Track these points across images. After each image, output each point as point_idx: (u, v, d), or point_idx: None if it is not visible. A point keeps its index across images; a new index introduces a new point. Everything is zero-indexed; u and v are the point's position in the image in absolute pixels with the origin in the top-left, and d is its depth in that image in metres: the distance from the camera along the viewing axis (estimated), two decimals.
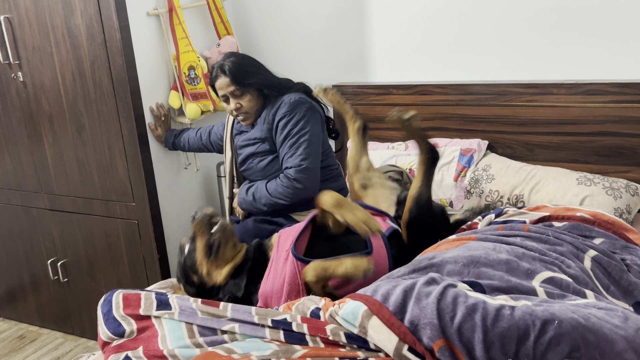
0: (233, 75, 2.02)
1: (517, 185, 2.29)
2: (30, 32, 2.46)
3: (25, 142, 2.69)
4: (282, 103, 2.02)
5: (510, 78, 2.53)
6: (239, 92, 2.04)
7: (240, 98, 2.05)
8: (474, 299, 1.15)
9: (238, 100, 2.05)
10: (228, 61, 2.05)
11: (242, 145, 2.17)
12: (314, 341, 1.24)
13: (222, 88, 2.06)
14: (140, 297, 1.47)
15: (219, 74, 2.06)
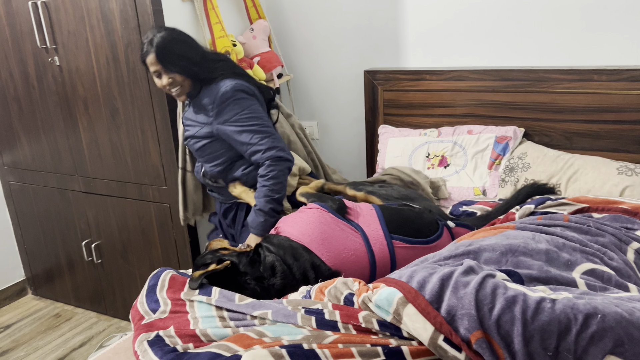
0: (158, 54, 1.95)
1: (554, 174, 2.22)
2: (66, 16, 2.49)
3: (61, 126, 2.74)
4: (222, 93, 1.98)
5: (549, 64, 2.45)
6: (165, 70, 1.98)
7: (166, 75, 1.99)
8: (514, 291, 1.12)
9: (170, 74, 1.98)
10: (157, 36, 1.95)
11: (186, 124, 2.17)
12: (346, 328, 1.23)
13: (152, 64, 1.98)
14: (185, 282, 1.49)
15: (149, 49, 1.96)
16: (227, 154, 2.11)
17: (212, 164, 2.15)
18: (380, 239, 1.68)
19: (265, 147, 1.99)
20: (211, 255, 1.68)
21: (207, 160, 2.15)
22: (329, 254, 1.62)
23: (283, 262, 1.59)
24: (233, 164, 2.14)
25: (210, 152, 2.12)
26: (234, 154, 2.11)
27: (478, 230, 1.54)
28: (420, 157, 2.54)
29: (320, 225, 1.70)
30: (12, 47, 2.72)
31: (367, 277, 1.64)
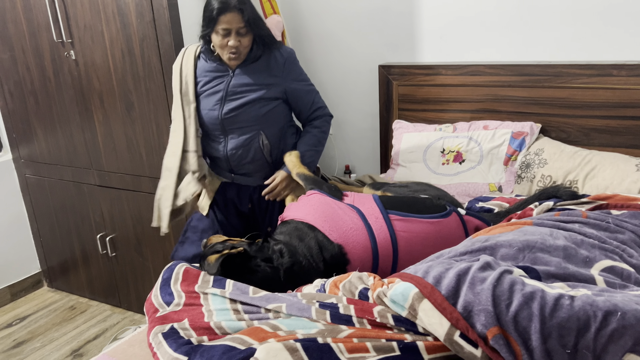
0: (249, 16, 1.95)
1: (571, 171, 2.20)
2: (82, 10, 2.50)
3: (77, 120, 2.76)
4: (287, 54, 2.10)
5: (567, 58, 2.42)
6: (244, 31, 1.96)
7: (243, 37, 1.98)
8: (532, 287, 1.10)
9: (241, 38, 1.97)
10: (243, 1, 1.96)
11: (242, 90, 2.05)
12: (361, 322, 1.22)
13: (230, 22, 1.93)
14: (199, 274, 1.49)
15: (232, 4, 1.92)
16: (285, 119, 2.16)
17: (274, 130, 2.11)
18: (375, 213, 1.75)
19: (324, 105, 2.21)
20: (221, 244, 1.69)
21: (268, 125, 2.09)
22: (331, 229, 1.70)
23: (289, 245, 1.66)
24: (287, 130, 2.17)
25: (276, 116, 2.10)
26: (288, 119, 2.19)
27: (494, 225, 1.52)
28: (435, 153, 2.52)
29: (321, 206, 1.80)
30: (29, 41, 2.74)
31: (369, 249, 1.68)
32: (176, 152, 2.10)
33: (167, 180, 2.14)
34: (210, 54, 2.05)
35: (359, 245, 1.68)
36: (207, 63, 2.08)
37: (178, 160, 2.10)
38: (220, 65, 2.06)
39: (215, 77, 2.07)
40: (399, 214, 1.74)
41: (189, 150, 2.10)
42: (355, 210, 1.77)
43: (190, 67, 2.09)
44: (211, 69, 2.07)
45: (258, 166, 2.14)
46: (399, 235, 1.70)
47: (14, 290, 3.26)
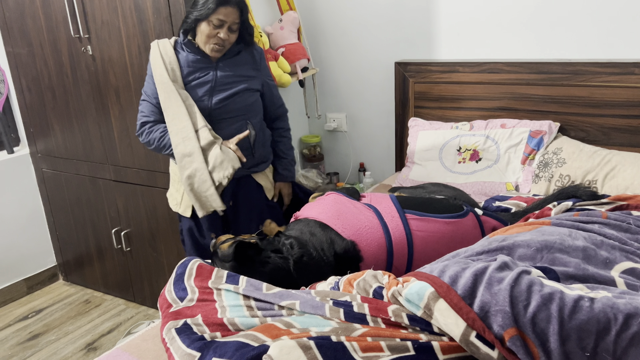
0: (244, 15, 2.03)
1: (590, 171, 2.16)
2: (100, 6, 2.51)
3: (93, 115, 2.77)
4: (261, 51, 2.22)
5: (587, 56, 2.37)
6: (236, 27, 2.03)
7: (232, 33, 2.03)
8: (550, 288, 1.08)
9: (230, 33, 2.02)
10: None
11: (229, 82, 2.10)
12: (375, 321, 1.21)
13: (227, 15, 1.97)
14: (212, 270, 1.49)
15: (234, 2, 1.98)
16: (262, 111, 2.25)
17: (257, 120, 2.19)
18: (392, 212, 1.74)
19: (283, 102, 2.34)
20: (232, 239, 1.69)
21: (254, 115, 2.18)
22: (344, 227, 1.70)
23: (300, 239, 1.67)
24: (263, 122, 2.27)
25: (258, 106, 2.20)
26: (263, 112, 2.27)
27: (512, 225, 1.50)
28: (451, 151, 2.50)
29: (335, 205, 1.81)
30: (47, 37, 2.76)
31: (384, 247, 1.68)
32: (189, 135, 2.06)
33: (193, 164, 2.07)
34: (192, 46, 2.08)
35: (373, 243, 1.68)
36: (188, 55, 2.10)
37: (195, 141, 2.06)
38: (203, 57, 2.09)
39: (199, 68, 2.10)
40: (415, 213, 1.73)
41: (199, 127, 2.07)
42: (372, 209, 1.76)
43: (171, 55, 2.09)
44: (194, 61, 2.09)
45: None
46: (415, 235, 1.68)
47: (30, 283, 3.30)
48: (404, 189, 2.11)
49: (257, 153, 2.21)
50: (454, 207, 1.80)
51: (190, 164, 2.08)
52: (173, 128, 2.08)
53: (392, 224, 1.71)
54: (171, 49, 2.11)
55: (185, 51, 2.10)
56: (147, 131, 2.15)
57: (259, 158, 2.24)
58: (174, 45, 2.12)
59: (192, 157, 2.07)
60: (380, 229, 1.70)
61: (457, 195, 1.95)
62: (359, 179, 3.12)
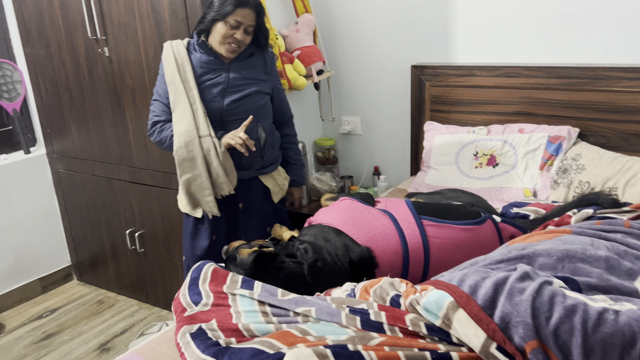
0: (261, 18, 2.06)
1: (611, 177, 2.12)
2: (117, 8, 2.52)
3: (109, 116, 2.78)
4: (272, 56, 2.24)
5: (608, 61, 2.33)
6: (252, 29, 2.05)
7: (248, 35, 2.05)
8: (573, 300, 1.06)
9: (246, 35, 2.04)
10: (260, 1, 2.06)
11: (241, 84, 2.11)
12: (392, 330, 1.19)
13: (245, 17, 2.00)
14: (227, 275, 1.48)
15: (252, 4, 2.00)
16: (272, 113, 2.27)
17: (267, 122, 2.21)
18: (408, 218, 1.72)
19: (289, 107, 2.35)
20: (247, 245, 1.69)
21: (264, 117, 2.19)
22: (359, 233, 1.68)
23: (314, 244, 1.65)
24: (272, 125, 2.28)
25: (268, 109, 2.22)
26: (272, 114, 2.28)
27: (531, 233, 1.47)
28: (468, 156, 2.47)
29: (349, 210, 1.79)
30: (65, 38, 2.78)
31: (400, 254, 1.66)
32: (193, 141, 2.06)
33: (195, 170, 2.09)
34: (206, 47, 2.10)
35: (389, 249, 1.66)
36: (202, 55, 2.11)
37: (198, 147, 2.06)
38: (216, 58, 2.11)
39: (212, 69, 2.11)
40: (432, 219, 1.70)
41: (203, 135, 2.06)
42: (388, 215, 1.74)
43: (184, 56, 2.10)
44: (207, 62, 2.11)
45: (252, 158, 2.19)
46: (432, 241, 1.66)
47: (45, 283, 3.32)
48: (420, 194, 2.09)
49: (267, 155, 2.23)
50: (471, 213, 1.77)
51: (191, 170, 2.10)
52: (177, 130, 2.08)
53: (409, 230, 1.69)
54: (184, 50, 2.12)
55: (199, 52, 2.11)
56: (159, 130, 2.16)
57: (268, 160, 2.26)
58: (187, 46, 2.14)
59: (193, 162, 2.08)
60: (396, 235, 1.68)
61: (474, 201, 1.92)
62: (374, 182, 3.10)
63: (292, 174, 2.39)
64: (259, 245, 1.70)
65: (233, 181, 2.14)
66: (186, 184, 2.13)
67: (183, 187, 2.15)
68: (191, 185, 2.13)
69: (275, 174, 2.32)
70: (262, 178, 2.28)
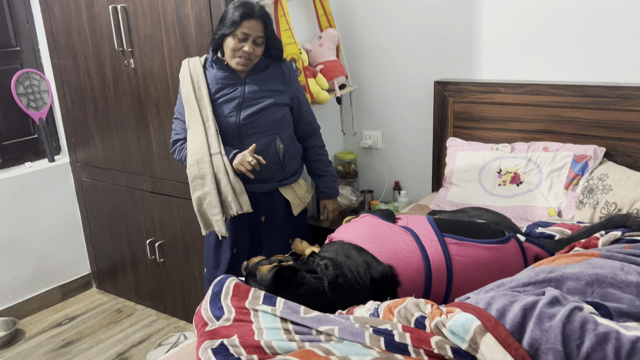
0: (270, 28, 2.06)
1: (639, 199, 2.08)
2: (144, 21, 2.56)
3: (133, 126, 2.81)
4: (290, 65, 2.23)
5: (635, 80, 2.30)
6: (261, 40, 2.05)
7: (258, 46, 2.06)
8: (605, 327, 1.03)
9: (255, 47, 2.05)
10: (265, 9, 2.06)
11: (257, 97, 2.11)
12: (417, 353, 1.17)
13: (251, 29, 2.00)
14: (250, 290, 1.48)
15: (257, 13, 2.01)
16: (292, 125, 2.25)
17: (286, 134, 2.20)
18: (430, 236, 1.70)
19: (315, 118, 2.33)
20: (267, 260, 1.68)
21: (283, 129, 2.18)
22: (380, 250, 1.66)
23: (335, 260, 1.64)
24: (293, 136, 2.27)
25: (287, 120, 2.20)
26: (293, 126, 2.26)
27: (558, 255, 1.45)
28: (491, 173, 2.44)
29: (371, 227, 1.77)
30: (92, 49, 2.82)
31: (422, 272, 1.64)
32: (204, 159, 2.11)
33: (205, 188, 2.14)
34: (221, 63, 2.12)
35: (411, 267, 1.64)
36: (217, 72, 2.14)
37: (209, 165, 2.11)
38: (232, 74, 2.12)
39: (228, 84, 2.13)
40: (455, 237, 1.68)
41: (214, 153, 2.11)
42: (410, 233, 1.72)
43: (200, 74, 2.15)
44: (223, 77, 2.13)
45: (273, 170, 2.20)
46: (455, 260, 1.64)
47: (65, 290, 3.35)
48: (443, 212, 2.07)
49: (287, 167, 2.23)
50: (495, 232, 1.75)
51: (201, 187, 2.15)
52: (190, 148, 2.14)
53: (431, 248, 1.67)
54: (200, 67, 2.15)
55: (215, 68, 2.14)
56: (178, 149, 2.23)
57: (289, 171, 2.26)
58: (204, 63, 2.17)
59: (204, 180, 2.13)
60: (418, 253, 1.67)
61: (499, 220, 1.89)
62: (394, 197, 3.08)
63: (323, 186, 2.37)
64: (279, 260, 1.69)
65: (243, 203, 2.16)
66: (197, 202, 2.18)
67: (195, 206, 2.20)
68: (202, 203, 2.18)
69: (295, 186, 2.32)
70: (283, 190, 2.28)
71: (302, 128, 2.29)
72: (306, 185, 2.37)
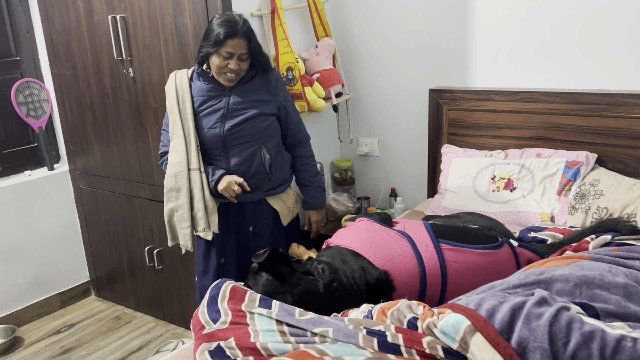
0: (254, 44, 2.07)
1: (629, 204, 2.11)
2: (142, 31, 2.60)
3: (132, 135, 2.85)
4: (277, 75, 2.24)
5: (627, 88, 2.34)
6: (245, 56, 2.06)
7: (243, 62, 2.07)
8: (591, 326, 1.06)
9: (240, 62, 2.06)
10: (249, 25, 2.06)
11: (242, 107, 2.13)
12: (409, 353, 1.20)
13: (235, 47, 2.02)
14: (246, 293, 1.50)
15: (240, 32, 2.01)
16: (279, 134, 2.26)
17: (272, 143, 2.21)
18: (426, 242, 1.73)
19: (304, 126, 2.34)
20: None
21: (268, 139, 2.19)
22: (376, 255, 1.69)
23: (331, 265, 1.67)
24: (281, 145, 2.27)
25: (273, 130, 2.20)
26: (281, 135, 2.27)
27: (549, 258, 1.48)
28: (485, 179, 2.48)
29: (367, 232, 1.80)
30: (91, 59, 2.86)
31: (417, 278, 1.66)
32: (182, 172, 2.17)
33: (178, 201, 2.20)
34: (206, 75, 2.14)
35: (406, 273, 1.67)
36: (202, 84, 2.16)
37: (186, 179, 2.17)
38: (217, 85, 2.15)
39: (213, 96, 2.16)
40: (450, 243, 1.71)
41: (192, 168, 2.17)
42: (406, 238, 1.75)
43: (185, 87, 2.18)
44: (208, 89, 2.16)
45: (259, 180, 2.22)
46: (449, 265, 1.67)
47: (64, 298, 3.36)
48: (438, 217, 2.10)
49: (274, 176, 2.25)
50: (489, 237, 1.78)
51: (175, 200, 2.20)
52: (171, 160, 2.19)
53: (427, 254, 1.70)
54: (187, 81, 2.19)
55: (200, 80, 2.17)
56: (166, 162, 2.27)
57: (277, 181, 2.27)
58: (191, 75, 2.20)
59: (179, 193, 2.18)
60: (414, 258, 1.69)
61: (492, 225, 1.93)
62: (390, 204, 3.11)
63: (308, 196, 2.37)
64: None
65: (212, 223, 2.20)
66: (169, 213, 2.24)
67: (166, 217, 2.25)
68: (173, 215, 2.23)
69: (284, 195, 2.33)
70: (270, 200, 2.29)
71: (290, 137, 2.31)
72: (295, 195, 2.39)
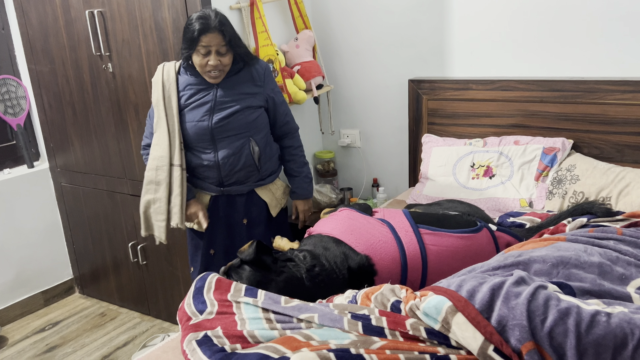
0: (229, 35, 2.03)
1: (604, 187, 2.17)
2: (121, 25, 2.58)
3: (112, 130, 2.83)
4: (265, 66, 2.23)
5: (600, 74, 2.40)
6: (224, 50, 2.04)
7: (223, 56, 2.05)
8: (567, 303, 1.10)
9: (220, 57, 2.04)
10: (222, 18, 2.03)
11: (229, 100, 2.13)
12: (393, 335, 1.23)
13: (210, 41, 2.00)
14: (231, 284, 1.52)
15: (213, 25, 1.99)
16: (267, 126, 2.27)
17: (261, 136, 2.21)
18: (405, 227, 1.77)
19: (292, 117, 2.35)
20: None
21: (257, 132, 2.19)
22: (357, 241, 1.73)
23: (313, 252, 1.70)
24: (269, 136, 2.29)
25: (261, 122, 2.21)
26: (269, 127, 2.29)
27: (527, 241, 1.52)
28: (464, 167, 2.52)
29: (348, 220, 1.84)
30: (69, 54, 2.84)
31: (398, 261, 1.70)
32: (163, 166, 2.17)
33: (156, 194, 2.21)
34: (192, 69, 2.13)
35: (387, 257, 1.70)
36: (189, 77, 2.16)
37: (166, 174, 2.17)
38: (204, 79, 2.14)
39: (200, 89, 2.15)
40: (429, 228, 1.75)
41: (174, 164, 2.17)
42: (386, 224, 1.78)
43: (172, 80, 2.17)
44: (195, 83, 2.15)
45: (248, 172, 2.23)
46: (429, 249, 1.71)
47: (47, 296, 3.34)
48: (419, 205, 2.14)
49: (263, 168, 2.26)
50: (467, 222, 1.82)
51: (153, 192, 2.22)
52: (153, 153, 2.19)
53: (406, 238, 1.73)
54: (174, 74, 2.17)
55: (187, 74, 2.16)
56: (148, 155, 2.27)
57: (265, 172, 2.29)
58: (179, 68, 2.19)
59: (158, 186, 2.19)
60: (394, 243, 1.73)
61: (471, 211, 1.97)
62: (373, 194, 3.14)
63: (295, 186, 2.39)
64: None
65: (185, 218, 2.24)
66: (145, 204, 2.26)
67: (142, 207, 2.27)
68: (150, 207, 2.25)
69: (272, 186, 2.35)
70: (259, 191, 2.31)
71: (278, 129, 2.32)
72: (283, 186, 2.42)
